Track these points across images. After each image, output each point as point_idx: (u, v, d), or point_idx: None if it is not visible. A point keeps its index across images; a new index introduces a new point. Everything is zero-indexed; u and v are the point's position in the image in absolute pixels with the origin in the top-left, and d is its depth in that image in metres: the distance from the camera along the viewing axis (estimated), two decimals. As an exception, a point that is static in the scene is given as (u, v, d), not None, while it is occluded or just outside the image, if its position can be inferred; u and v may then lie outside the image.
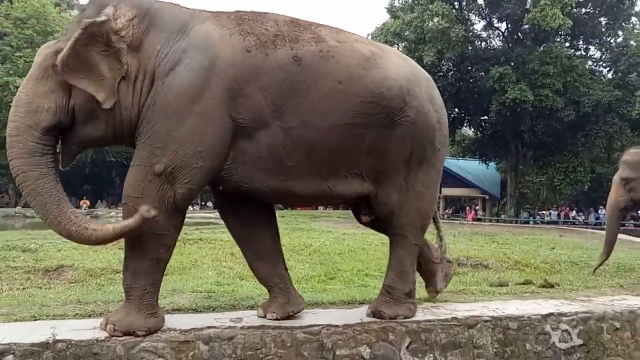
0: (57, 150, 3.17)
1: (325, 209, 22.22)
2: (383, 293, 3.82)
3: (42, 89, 3.04)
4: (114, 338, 2.98)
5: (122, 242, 3.25)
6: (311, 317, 3.61)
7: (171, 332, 3.12)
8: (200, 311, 3.75)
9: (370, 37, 29.42)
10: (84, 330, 3.11)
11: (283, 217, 17.33)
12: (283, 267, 3.80)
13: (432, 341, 3.63)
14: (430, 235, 4.39)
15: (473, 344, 3.73)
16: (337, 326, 3.45)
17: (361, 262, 7.12)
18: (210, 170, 3.15)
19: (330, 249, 8.25)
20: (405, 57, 3.96)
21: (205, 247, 7.79)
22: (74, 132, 3.13)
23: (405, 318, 3.68)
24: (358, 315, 3.73)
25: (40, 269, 5.81)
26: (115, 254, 6.79)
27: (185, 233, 9.86)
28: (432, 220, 4.23)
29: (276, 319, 3.48)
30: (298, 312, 3.61)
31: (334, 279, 5.85)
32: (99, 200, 32.86)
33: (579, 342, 4.02)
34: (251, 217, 3.66)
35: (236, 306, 3.94)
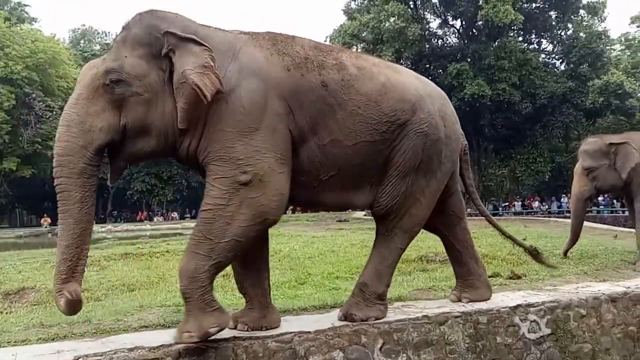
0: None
1: (294, 213, 22.13)
2: (355, 293, 3.85)
3: (94, 108, 3.11)
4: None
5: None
6: (283, 325, 3.57)
7: (139, 351, 3.04)
8: (169, 327, 3.67)
9: (328, 39, 29.62)
10: (47, 355, 3.01)
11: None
12: (267, 280, 3.79)
13: (405, 341, 3.64)
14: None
15: (445, 340, 3.77)
16: (309, 332, 3.43)
17: (331, 264, 7.08)
18: (289, 175, 3.36)
19: (300, 253, 8.20)
20: (420, 76, 4.21)
21: (173, 260, 7.61)
22: (123, 149, 3.23)
23: (377, 319, 3.70)
24: (330, 319, 3.71)
25: (0, 293, 5.58)
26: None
27: (152, 246, 9.68)
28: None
29: (247, 331, 3.43)
30: (271, 329, 3.50)
31: (305, 283, 5.81)
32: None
33: (548, 331, 4.11)
34: None
35: (206, 319, 3.85)
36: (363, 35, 24.98)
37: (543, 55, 27.92)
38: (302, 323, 3.62)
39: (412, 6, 25.82)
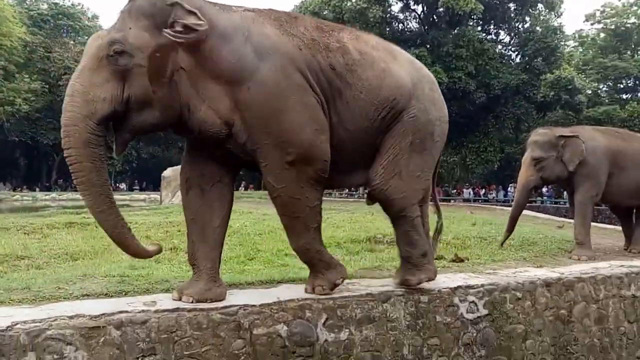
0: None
1: (247, 190, 22.04)
2: (402, 263, 4.17)
3: (98, 78, 3.13)
4: (17, 326, 2.80)
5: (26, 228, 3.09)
6: (228, 298, 3.57)
7: (80, 318, 2.98)
8: (112, 296, 3.61)
9: (291, 15, 29.23)
10: (-17, 320, 2.90)
11: (203, 198, 17.03)
12: (219, 254, 3.81)
13: (348, 316, 3.72)
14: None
15: (387, 317, 3.87)
16: (254, 306, 3.45)
17: (282, 242, 7.07)
18: (328, 142, 3.56)
19: (251, 229, 8.18)
20: (413, 60, 4.33)
21: (120, 230, 7.49)
22: (127, 121, 3.24)
23: (429, 280, 4.12)
24: (276, 294, 3.74)
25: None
26: (19, 239, 6.40)
27: (98, 216, 9.45)
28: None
29: (191, 302, 3.39)
30: (216, 302, 3.50)
31: (254, 259, 5.81)
32: (1, 183, 30.68)
33: (485, 312, 4.28)
34: (213, 196, 3.70)
35: (151, 290, 3.82)
36: (324, 13, 24.80)
37: (500, 47, 28.49)
38: (248, 297, 3.64)
39: (374, -13, 25.78)
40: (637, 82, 35.50)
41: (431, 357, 3.98)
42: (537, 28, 26.61)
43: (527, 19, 27.45)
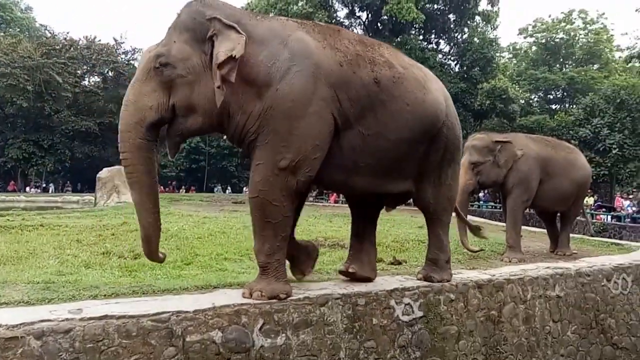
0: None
1: (187, 192, 21.57)
2: (429, 264, 4.67)
3: (146, 89, 3.47)
4: None
5: None
6: (160, 304, 3.45)
7: (-5, 329, 2.79)
8: (34, 304, 3.40)
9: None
10: None
11: (141, 200, 16.49)
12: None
13: (285, 321, 3.68)
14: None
15: (324, 321, 3.86)
16: (187, 312, 3.35)
17: (221, 246, 6.98)
18: (321, 160, 3.69)
19: (189, 233, 8.00)
20: (436, 78, 4.62)
21: (47, 234, 7.11)
22: (175, 126, 3.57)
23: (448, 282, 4.60)
24: (211, 299, 3.64)
25: None
26: None
27: (24, 219, 8.97)
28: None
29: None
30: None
31: (191, 264, 5.66)
32: None
33: (420, 314, 4.36)
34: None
35: (77, 297, 3.64)
36: (270, 16, 24.72)
37: (440, 56, 29.36)
38: (182, 303, 3.53)
39: (320, -8, 25.97)
40: (565, 93, 37.49)
41: (367, 360, 4.01)
42: (475, 39, 27.64)
43: (466, 30, 28.48)
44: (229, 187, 36.86)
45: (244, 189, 35.40)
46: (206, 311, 3.42)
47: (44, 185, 32.35)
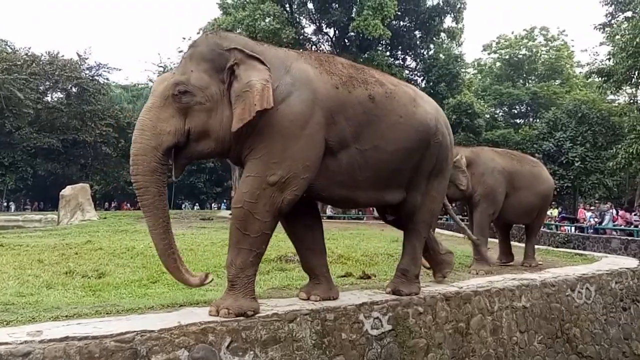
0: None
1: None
2: (399, 275, 4.80)
3: (164, 114, 3.62)
4: None
5: None
6: (124, 324, 3.37)
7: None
8: (-9, 327, 3.28)
9: (201, 32, 28.89)
10: None
11: (105, 218, 16.17)
12: (326, 260, 4.56)
13: (253, 338, 3.63)
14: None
15: (293, 337, 3.82)
16: (152, 331, 3.28)
17: (188, 263, 6.75)
18: (309, 181, 3.87)
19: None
20: (425, 95, 4.95)
21: (7, 254, 6.89)
22: (186, 150, 3.73)
23: (416, 295, 4.69)
24: (177, 317, 3.58)
25: None
26: None
27: (-18, 239, 8.67)
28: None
29: (319, 300, 4.17)
30: (335, 299, 4.31)
31: (157, 282, 5.56)
32: None
33: (389, 327, 4.36)
34: (308, 220, 4.41)
35: (37, 318, 3.52)
36: (237, 31, 24.71)
37: (407, 72, 29.75)
38: (147, 322, 3.45)
39: (287, 9, 26.09)
40: (529, 108, 38.52)
41: (337, 376, 3.98)
42: (441, 55, 28.16)
43: (432, 46, 28.97)
44: (197, 204, 36.39)
45: (213, 205, 35.10)
46: (172, 330, 3.36)
47: (5, 203, 31.33)
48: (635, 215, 16.75)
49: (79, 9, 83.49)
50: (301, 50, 4.30)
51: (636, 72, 17.99)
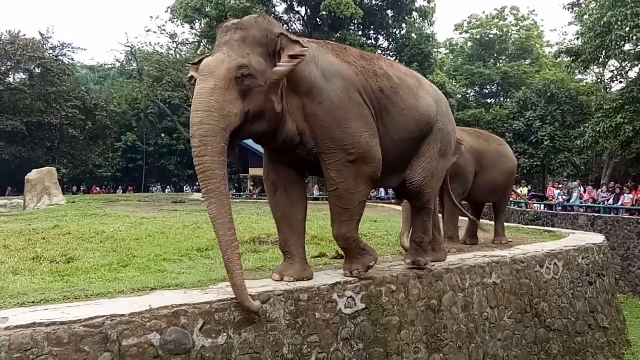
0: None
1: (125, 193, 20.87)
2: (414, 247, 5.20)
3: (230, 97, 3.70)
4: None
5: None
6: (94, 309, 3.31)
7: None
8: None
9: (170, 10, 28.31)
10: None
11: (74, 202, 15.84)
12: (304, 242, 4.67)
13: (226, 320, 3.62)
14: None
15: (267, 318, 3.82)
16: (123, 315, 3.23)
17: (160, 246, 6.79)
18: (379, 144, 4.39)
19: (126, 234, 7.74)
20: (431, 84, 5.46)
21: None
22: (242, 130, 3.86)
23: (435, 262, 5.31)
24: (148, 301, 3.54)
25: None
26: None
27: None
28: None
29: (292, 281, 4.23)
30: (309, 280, 4.37)
31: (128, 266, 5.48)
32: None
33: (362, 306, 4.39)
34: (294, 195, 4.54)
35: (3, 305, 3.45)
36: (207, 10, 24.26)
37: (379, 51, 29.65)
38: (117, 306, 3.40)
39: (258, -14, 25.65)
40: (500, 88, 38.97)
41: (311, 355, 4.00)
42: (413, 35, 28.13)
43: (404, 26, 28.88)
44: (168, 187, 35.96)
45: (185, 188, 34.71)
46: (143, 314, 3.31)
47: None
48: (602, 192, 17.19)
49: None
50: (318, 40, 4.58)
51: (603, 52, 18.25)
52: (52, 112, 28.36)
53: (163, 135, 37.58)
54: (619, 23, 16.12)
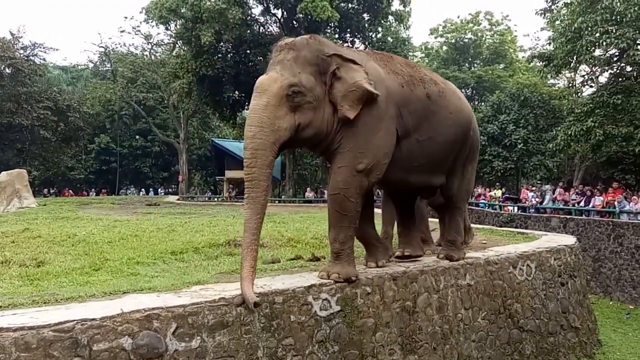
0: None
1: (98, 195, 20.51)
2: (448, 245, 5.84)
3: (280, 112, 4.11)
4: None
5: None
6: (64, 313, 3.25)
7: None
8: None
9: (144, 11, 27.91)
10: None
11: (45, 205, 15.52)
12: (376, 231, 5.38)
13: (200, 323, 3.58)
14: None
15: (241, 321, 3.80)
16: (94, 319, 3.18)
17: (133, 249, 6.69)
18: (387, 165, 4.61)
19: (99, 237, 7.60)
20: (458, 89, 5.83)
21: None
22: (290, 140, 4.24)
23: (462, 259, 5.75)
24: (119, 305, 3.48)
25: None
26: None
27: None
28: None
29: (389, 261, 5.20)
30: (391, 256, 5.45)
31: (100, 269, 5.39)
32: None
33: (337, 308, 4.39)
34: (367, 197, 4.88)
35: (-30, 310, 3.35)
36: (182, 11, 24.01)
37: (355, 55, 29.79)
38: (87, 310, 3.34)
39: (234, -12, 25.49)
40: (474, 91, 39.44)
41: (286, 358, 3.98)
42: (389, 38, 28.32)
43: (380, 29, 29.04)
44: (143, 189, 35.47)
45: (159, 190, 34.28)
46: (114, 317, 3.27)
47: None
48: (573, 194, 17.52)
49: (13, -15, 78.78)
50: (363, 49, 4.88)
51: (574, 57, 18.60)
52: (23, 113, 27.69)
53: (137, 137, 37.10)
54: (589, 29, 16.46)
